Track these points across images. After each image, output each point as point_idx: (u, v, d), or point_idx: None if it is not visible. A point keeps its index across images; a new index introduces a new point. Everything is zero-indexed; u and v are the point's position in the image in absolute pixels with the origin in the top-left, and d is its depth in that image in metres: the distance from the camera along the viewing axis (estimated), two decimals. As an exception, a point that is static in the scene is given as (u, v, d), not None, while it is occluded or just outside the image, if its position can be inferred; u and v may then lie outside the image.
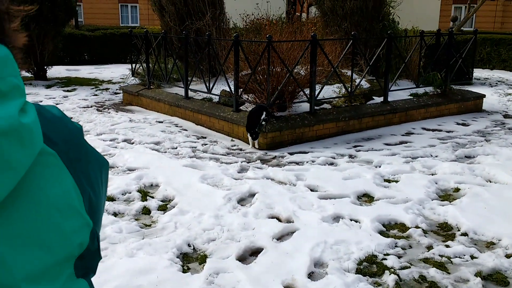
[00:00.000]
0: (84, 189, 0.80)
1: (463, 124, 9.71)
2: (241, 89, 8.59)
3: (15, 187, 0.66)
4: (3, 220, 0.66)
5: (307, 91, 8.42)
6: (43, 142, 0.71)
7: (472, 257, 4.25)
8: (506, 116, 10.57)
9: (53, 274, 0.72)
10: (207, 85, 9.37)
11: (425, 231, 4.78)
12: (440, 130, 9.18)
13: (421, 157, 7.34)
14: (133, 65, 12.39)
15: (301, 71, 8.94)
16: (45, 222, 0.71)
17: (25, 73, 15.18)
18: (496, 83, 15.34)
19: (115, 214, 5.16)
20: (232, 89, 8.66)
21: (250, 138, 7.80)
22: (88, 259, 0.83)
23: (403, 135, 8.80)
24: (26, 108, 0.70)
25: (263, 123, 7.71)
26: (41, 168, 0.72)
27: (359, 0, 11.34)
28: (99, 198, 0.86)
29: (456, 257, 4.26)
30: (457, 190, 5.95)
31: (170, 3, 11.07)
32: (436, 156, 7.38)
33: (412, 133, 8.93)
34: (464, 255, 4.28)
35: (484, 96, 11.25)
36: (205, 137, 8.56)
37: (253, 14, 12.41)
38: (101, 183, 0.88)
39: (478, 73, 16.45)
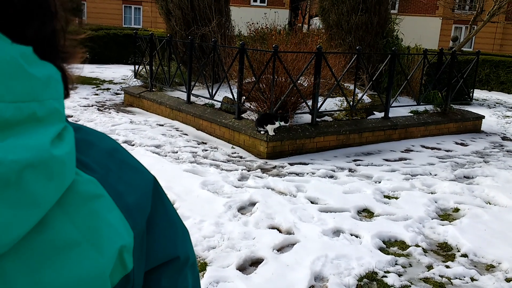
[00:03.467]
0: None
1: (462, 144, 9.75)
2: (244, 97, 8.60)
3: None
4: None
5: (310, 102, 8.44)
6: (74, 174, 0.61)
7: (472, 279, 4.26)
8: (504, 138, 10.63)
9: None
10: (210, 91, 9.38)
11: (425, 250, 4.79)
12: (439, 149, 9.21)
13: (421, 174, 7.37)
14: (136, 66, 12.38)
15: (304, 82, 8.97)
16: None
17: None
18: (495, 105, 15.44)
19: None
20: (235, 96, 8.67)
21: (270, 128, 7.73)
22: None
23: (402, 151, 8.83)
24: (64, 134, 0.60)
25: (282, 123, 7.70)
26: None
27: (364, 15, 11.42)
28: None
29: (457, 278, 4.26)
30: (456, 210, 5.97)
31: (177, 8, 11.10)
32: (435, 175, 7.40)
33: (412, 150, 8.96)
34: (464, 277, 4.28)
35: (483, 117, 11.31)
36: (205, 143, 8.55)
37: (258, 23, 12.45)
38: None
39: (476, 93, 16.54)
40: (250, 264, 4.34)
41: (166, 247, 0.74)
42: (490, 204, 6.21)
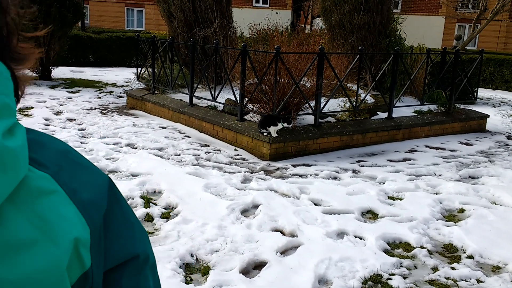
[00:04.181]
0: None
1: (467, 144, 9.69)
2: (247, 99, 8.56)
3: None
4: None
5: (312, 103, 8.40)
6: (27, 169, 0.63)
7: (479, 281, 4.21)
8: (509, 137, 10.56)
9: None
10: (212, 93, 9.35)
11: (430, 252, 4.74)
12: (444, 149, 9.16)
13: (425, 175, 7.31)
14: (139, 69, 12.37)
15: (307, 83, 8.92)
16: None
17: (30, 73, 15.14)
18: (499, 104, 15.36)
19: (117, 220, 5.10)
20: (237, 98, 8.64)
21: (273, 130, 7.70)
22: None
23: (406, 152, 8.78)
24: (15, 130, 0.62)
25: (285, 124, 7.66)
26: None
27: (366, 15, 11.37)
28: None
29: (462, 280, 4.21)
30: (462, 210, 5.92)
31: (179, 10, 11.07)
32: (440, 175, 7.35)
33: (416, 151, 8.90)
34: (470, 279, 4.23)
35: (488, 116, 11.25)
36: (208, 145, 8.52)
37: (260, 24, 12.41)
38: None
39: (481, 93, 16.48)
40: (253, 268, 4.31)
41: (125, 245, 0.75)
42: (495, 204, 6.16)
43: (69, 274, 0.65)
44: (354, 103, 8.99)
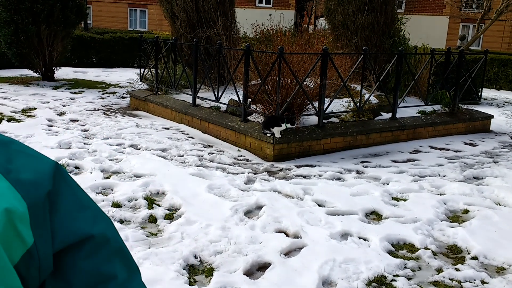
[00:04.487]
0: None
1: (471, 144, 9.66)
2: (250, 99, 8.55)
3: None
4: None
5: (316, 104, 8.38)
6: None
7: (483, 282, 4.19)
8: (513, 137, 10.52)
9: None
10: (216, 93, 9.34)
11: (434, 253, 4.72)
12: (448, 149, 9.13)
13: (429, 176, 7.29)
14: (142, 70, 12.37)
15: (310, 83, 8.90)
16: None
17: (33, 73, 15.19)
18: (504, 104, 15.31)
19: (121, 221, 5.11)
20: (241, 99, 8.62)
21: (277, 130, 7.69)
22: None
23: (410, 152, 8.75)
24: None
25: (289, 125, 7.65)
26: None
27: (370, 15, 11.35)
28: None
29: (467, 281, 4.19)
30: (466, 211, 5.89)
31: (182, 11, 11.07)
32: (444, 176, 7.33)
33: (420, 151, 8.87)
34: (475, 280, 4.21)
35: (492, 116, 11.21)
36: (211, 146, 8.51)
37: (263, 25, 12.40)
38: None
39: (485, 93, 16.41)
40: (257, 269, 4.29)
41: (76, 226, 0.75)
42: (500, 205, 6.13)
43: (10, 252, 0.64)
44: (358, 103, 8.96)
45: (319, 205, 5.82)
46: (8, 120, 9.56)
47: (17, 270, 0.66)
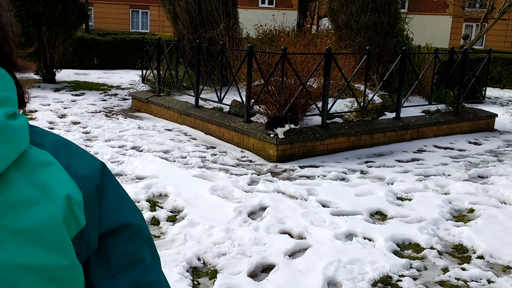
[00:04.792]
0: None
1: (475, 143, 9.60)
2: (253, 100, 8.51)
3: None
4: None
5: (319, 104, 8.34)
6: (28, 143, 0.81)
7: (489, 281, 4.14)
8: (518, 136, 10.46)
9: None
10: (218, 94, 9.30)
11: (440, 253, 4.67)
12: (452, 149, 9.07)
13: (434, 175, 7.24)
14: (144, 71, 12.34)
15: (314, 84, 8.86)
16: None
17: (34, 76, 15.18)
18: (507, 103, 15.24)
19: (123, 223, 5.06)
20: (244, 100, 8.58)
21: (280, 131, 7.65)
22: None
23: (415, 152, 8.70)
24: (18, 116, 0.81)
25: (292, 125, 7.61)
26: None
27: (374, 15, 11.30)
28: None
29: (473, 280, 4.14)
30: (471, 210, 5.84)
31: (184, 12, 11.04)
32: (449, 175, 7.27)
33: (424, 151, 8.82)
34: (481, 279, 4.16)
35: (496, 115, 11.15)
36: (214, 147, 8.48)
37: (266, 25, 12.36)
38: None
39: (488, 92, 16.34)
40: (261, 271, 4.25)
41: (117, 214, 0.91)
42: (505, 203, 6.08)
43: (68, 231, 0.81)
44: (362, 103, 8.92)
45: (323, 206, 5.78)
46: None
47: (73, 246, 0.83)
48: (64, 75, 16.57)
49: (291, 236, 4.90)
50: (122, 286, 0.91)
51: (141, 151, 7.98)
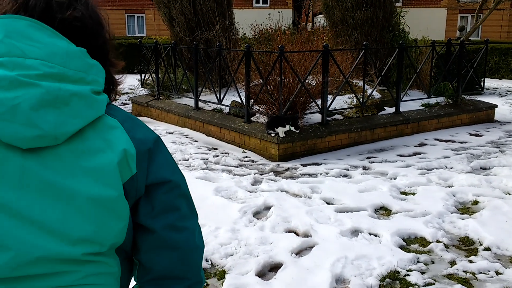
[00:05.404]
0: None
1: (476, 135, 9.61)
2: (252, 100, 8.52)
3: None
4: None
5: (319, 101, 8.34)
6: (104, 111, 1.13)
7: (497, 273, 4.14)
8: (518, 126, 10.47)
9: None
10: (218, 95, 9.31)
11: (446, 246, 4.68)
12: (453, 141, 9.08)
13: (436, 168, 7.25)
14: (142, 75, 12.35)
15: (312, 81, 8.87)
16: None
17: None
18: (506, 93, 15.25)
19: (129, 228, 5.07)
20: (243, 100, 8.59)
21: (281, 130, 7.66)
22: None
23: (416, 146, 8.71)
24: (102, 93, 1.15)
25: (293, 128, 7.63)
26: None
27: (369, 10, 11.31)
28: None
29: (481, 273, 4.15)
30: (476, 202, 5.85)
31: (180, 14, 11.05)
32: (451, 168, 7.28)
33: (425, 144, 8.83)
34: (489, 271, 4.17)
35: (496, 106, 11.16)
36: (216, 149, 8.49)
37: (262, 24, 12.38)
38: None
39: (487, 83, 16.35)
40: (269, 270, 4.27)
41: (161, 172, 1.20)
42: (509, 194, 6.08)
43: (122, 174, 1.12)
44: (361, 99, 8.93)
45: (328, 203, 5.79)
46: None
47: (124, 187, 1.13)
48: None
49: (297, 235, 4.91)
50: (161, 225, 1.19)
51: (143, 155, 7.98)
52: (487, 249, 4.61)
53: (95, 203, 1.08)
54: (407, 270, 4.19)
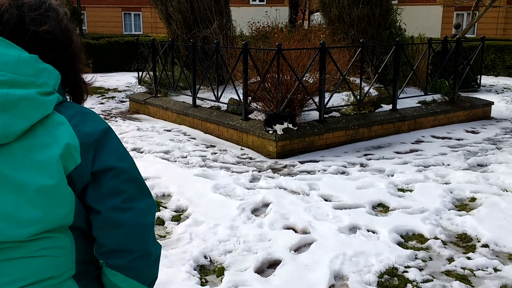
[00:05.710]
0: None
1: (473, 132, 9.65)
2: (250, 97, 8.53)
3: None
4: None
5: (316, 99, 8.36)
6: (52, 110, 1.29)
7: (496, 269, 4.17)
8: (515, 123, 10.51)
9: None
10: (215, 93, 9.32)
11: (444, 242, 4.70)
12: (450, 138, 9.12)
13: (433, 165, 7.28)
14: (140, 73, 12.34)
15: (309, 79, 8.88)
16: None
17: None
18: (503, 90, 15.29)
19: (128, 225, 5.08)
20: (241, 97, 8.61)
21: (279, 128, 7.67)
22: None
23: (413, 143, 8.74)
24: (51, 94, 1.30)
25: (291, 125, 7.64)
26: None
27: (366, 7, 11.32)
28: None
29: (479, 269, 4.18)
30: (473, 199, 5.88)
31: (177, 11, 11.04)
32: (448, 165, 7.31)
33: (422, 141, 8.86)
34: (487, 268, 4.19)
35: (492, 103, 11.19)
36: (214, 146, 8.50)
37: (258, 22, 12.38)
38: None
39: (483, 79, 16.37)
40: (268, 266, 4.29)
41: (107, 160, 1.36)
42: (506, 191, 6.11)
43: (66, 165, 1.28)
44: (358, 96, 8.95)
45: (326, 200, 5.81)
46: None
47: (71, 176, 1.30)
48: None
49: (295, 231, 4.93)
50: (106, 207, 1.35)
51: (142, 152, 8.00)
52: (485, 245, 4.64)
53: (41, 192, 1.24)
54: (405, 267, 4.22)
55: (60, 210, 1.29)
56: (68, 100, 1.47)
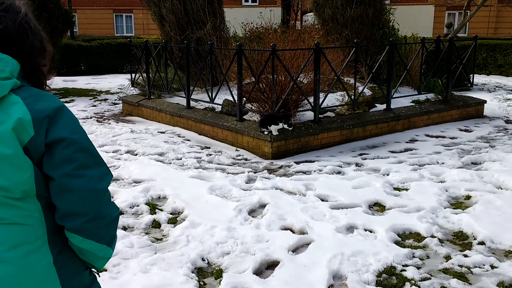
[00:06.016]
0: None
1: (466, 130, 9.69)
2: (245, 98, 8.52)
3: None
4: None
5: (311, 99, 8.37)
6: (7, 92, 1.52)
7: (492, 266, 4.19)
8: (507, 121, 10.56)
9: None
10: (210, 94, 9.30)
11: (441, 241, 4.72)
12: (444, 137, 9.15)
13: (428, 164, 7.30)
14: (133, 75, 12.30)
15: (304, 79, 8.89)
16: None
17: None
18: (495, 89, 15.37)
19: (124, 228, 5.07)
20: (235, 98, 8.59)
21: (274, 128, 7.67)
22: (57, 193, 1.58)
23: (407, 142, 8.77)
24: (7, 80, 1.52)
25: (286, 126, 7.64)
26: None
27: (359, 8, 11.35)
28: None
29: (476, 267, 4.19)
30: (468, 197, 5.90)
31: (170, 13, 11.02)
32: (443, 163, 7.34)
33: (416, 140, 8.89)
34: (484, 265, 4.21)
35: (485, 101, 11.25)
36: (209, 147, 8.49)
37: (252, 23, 12.38)
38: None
39: (476, 78, 16.44)
40: (266, 268, 4.28)
41: (59, 132, 1.54)
42: (501, 189, 6.14)
43: (21, 137, 1.48)
44: (352, 96, 8.96)
45: (322, 200, 5.81)
46: None
47: (27, 147, 1.50)
48: (52, 82, 16.43)
49: (293, 232, 4.93)
50: (59, 174, 1.54)
51: (136, 154, 7.97)
52: (481, 243, 4.66)
53: (2, 160, 1.47)
54: (403, 266, 4.22)
55: (21, 174, 1.49)
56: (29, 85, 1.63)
